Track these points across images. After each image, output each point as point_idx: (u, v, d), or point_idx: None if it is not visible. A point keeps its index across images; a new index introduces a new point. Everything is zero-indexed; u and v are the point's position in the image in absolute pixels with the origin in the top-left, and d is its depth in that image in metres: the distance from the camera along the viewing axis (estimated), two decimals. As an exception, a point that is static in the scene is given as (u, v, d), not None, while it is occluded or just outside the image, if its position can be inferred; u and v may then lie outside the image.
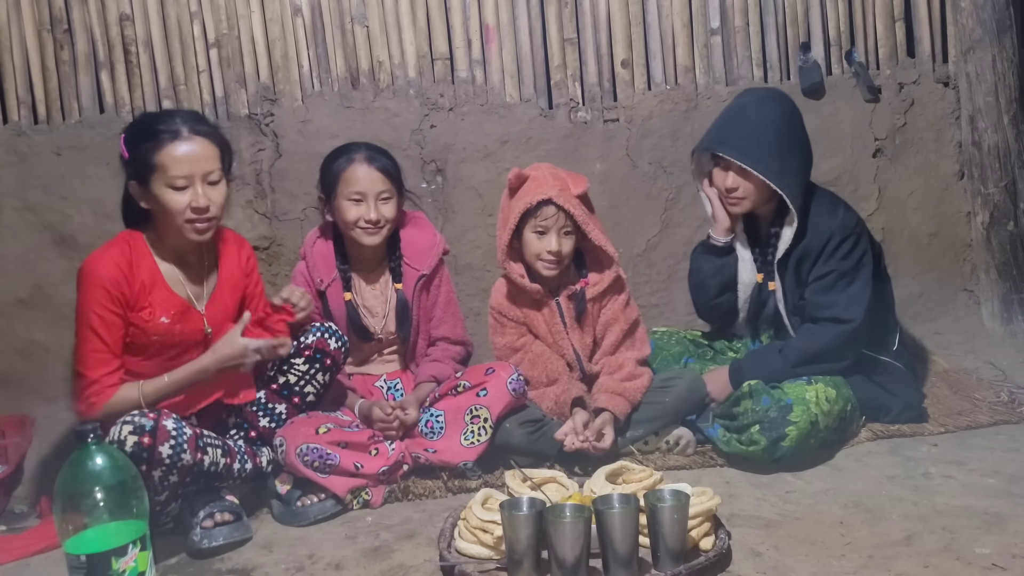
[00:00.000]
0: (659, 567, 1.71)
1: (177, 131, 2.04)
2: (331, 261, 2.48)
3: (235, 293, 2.27)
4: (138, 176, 2.06)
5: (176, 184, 2.04)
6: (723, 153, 2.41)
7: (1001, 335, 3.22)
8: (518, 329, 2.46)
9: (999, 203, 3.27)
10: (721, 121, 2.49)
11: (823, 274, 2.42)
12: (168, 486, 1.94)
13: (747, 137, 2.38)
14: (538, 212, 2.33)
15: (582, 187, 2.37)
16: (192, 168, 2.05)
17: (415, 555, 1.90)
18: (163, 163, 2.02)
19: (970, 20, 3.23)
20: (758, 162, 2.36)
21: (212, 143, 2.09)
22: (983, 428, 2.45)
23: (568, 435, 2.25)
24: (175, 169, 2.03)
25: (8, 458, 2.55)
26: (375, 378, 2.53)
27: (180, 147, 2.03)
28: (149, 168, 2.03)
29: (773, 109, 2.43)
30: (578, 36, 3.19)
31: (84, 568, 1.48)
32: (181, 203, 2.04)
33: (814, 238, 2.42)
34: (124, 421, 1.90)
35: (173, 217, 2.05)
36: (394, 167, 2.44)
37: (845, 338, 2.39)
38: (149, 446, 1.88)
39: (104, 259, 2.08)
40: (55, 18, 3.00)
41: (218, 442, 2.07)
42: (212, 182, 2.08)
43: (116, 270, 2.06)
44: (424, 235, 2.53)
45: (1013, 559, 1.70)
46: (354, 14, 3.10)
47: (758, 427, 2.20)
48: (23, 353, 2.99)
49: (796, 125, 2.46)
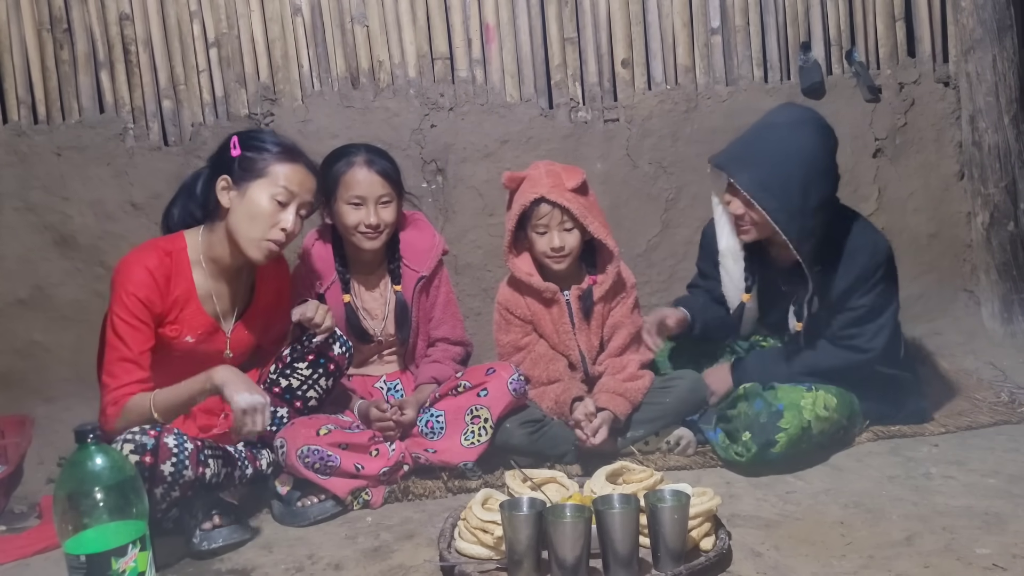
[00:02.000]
0: (659, 567, 1.71)
1: (293, 152, 2.11)
2: (330, 263, 2.46)
3: (263, 319, 2.25)
4: (241, 174, 2.06)
5: (280, 198, 2.05)
6: (738, 183, 2.24)
7: (1001, 335, 3.22)
8: (523, 328, 2.46)
9: (999, 203, 3.27)
10: (747, 139, 2.32)
11: (855, 307, 2.34)
12: (170, 500, 1.93)
13: (770, 167, 2.21)
14: (534, 212, 2.33)
15: (576, 180, 2.34)
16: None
17: (415, 555, 1.90)
18: (275, 173, 2.06)
19: (970, 20, 3.23)
20: (772, 199, 2.20)
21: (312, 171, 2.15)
22: (983, 428, 2.45)
23: (581, 420, 2.27)
24: (288, 183, 2.06)
25: (8, 458, 2.55)
26: (375, 379, 2.53)
27: (297, 162, 2.09)
28: (258, 172, 2.05)
29: (808, 135, 2.26)
30: (578, 35, 3.19)
31: (84, 568, 1.48)
32: (275, 217, 2.06)
33: (851, 268, 2.30)
34: (125, 439, 1.86)
35: (260, 226, 2.05)
36: (394, 170, 2.41)
37: (860, 365, 2.36)
38: (151, 465, 1.85)
39: (140, 266, 2.02)
40: (55, 18, 3.00)
41: (219, 452, 2.05)
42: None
43: (151, 280, 2.01)
44: (423, 236, 2.52)
45: (1013, 559, 1.70)
46: (354, 13, 3.10)
47: (749, 433, 2.19)
48: (23, 353, 2.99)
49: (828, 155, 2.29)
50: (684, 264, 3.18)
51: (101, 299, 3.01)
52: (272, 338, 2.31)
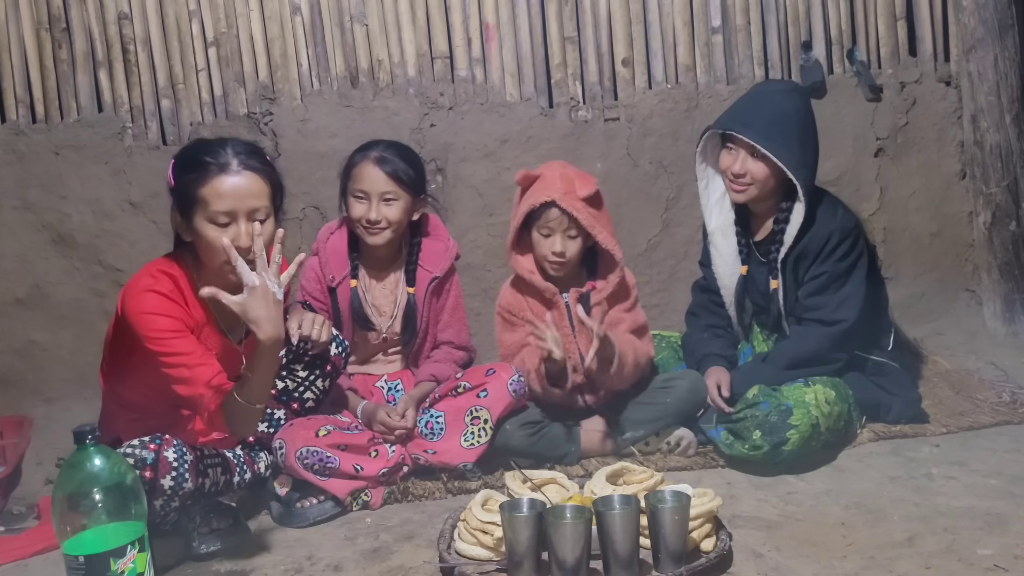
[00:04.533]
0: (660, 568, 1.70)
1: (226, 164, 1.88)
2: (344, 257, 2.47)
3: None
4: (181, 208, 1.91)
5: (218, 220, 1.87)
6: (745, 136, 2.36)
7: (1003, 335, 3.21)
8: (527, 328, 2.45)
9: (1001, 203, 3.26)
10: (743, 105, 2.45)
11: (817, 275, 2.41)
12: (169, 510, 1.91)
13: (771, 124, 2.34)
14: (542, 214, 2.33)
15: (589, 189, 2.33)
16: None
17: (415, 556, 1.90)
18: (206, 197, 1.86)
19: (972, 19, 3.22)
20: (779, 148, 2.33)
21: (262, 179, 1.92)
22: (985, 429, 2.44)
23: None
24: (218, 204, 1.86)
25: (7, 459, 2.54)
26: (376, 378, 2.53)
27: (227, 181, 1.87)
28: (192, 201, 1.88)
29: (798, 101, 2.42)
30: (578, 34, 3.18)
31: (82, 569, 1.48)
32: (221, 240, 1.84)
33: (814, 238, 2.40)
34: (124, 454, 1.81)
35: (213, 255, 1.88)
36: (408, 170, 2.38)
37: (833, 340, 2.38)
38: (150, 479, 1.83)
39: (153, 295, 1.89)
40: (53, 17, 3.00)
41: (218, 459, 2.04)
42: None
43: (175, 306, 1.91)
44: (439, 239, 2.54)
45: (1015, 560, 1.70)
46: (353, 13, 3.09)
47: (759, 432, 2.19)
48: (21, 353, 2.99)
49: (813, 122, 2.45)
50: (684, 264, 3.17)
51: (99, 298, 3.02)
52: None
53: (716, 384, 2.37)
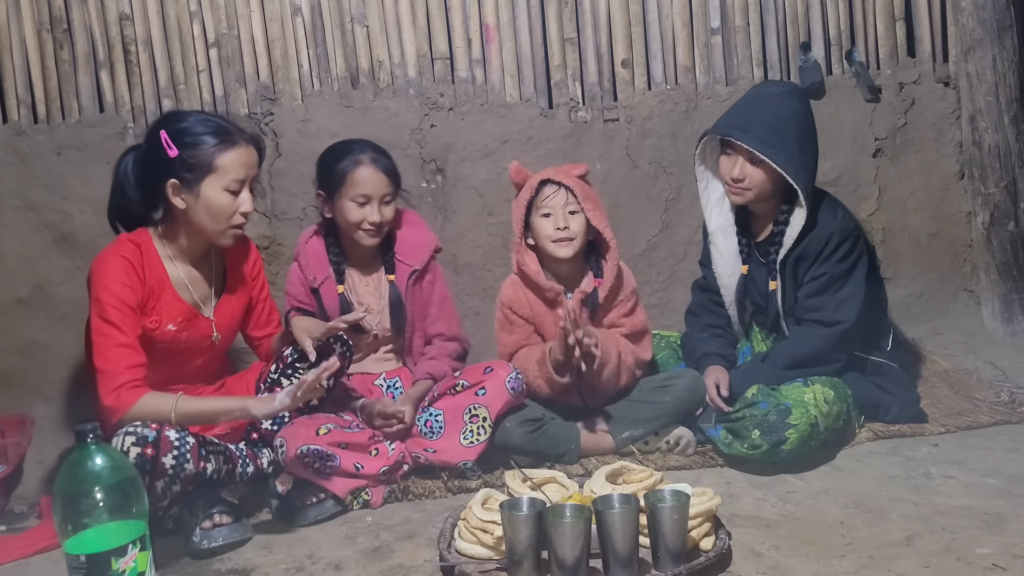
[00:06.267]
0: (659, 567, 1.71)
1: (229, 133, 2.07)
2: (324, 259, 2.49)
3: (242, 298, 2.27)
4: (187, 175, 2.03)
5: (233, 188, 2.04)
6: (743, 142, 2.36)
7: (1002, 335, 3.22)
8: (526, 328, 2.46)
9: (999, 203, 3.27)
10: (742, 109, 2.44)
11: (817, 276, 2.41)
12: (171, 495, 1.92)
13: (770, 128, 2.34)
14: (539, 193, 2.38)
15: (581, 169, 2.44)
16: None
17: (415, 555, 1.90)
18: (223, 165, 2.03)
19: (970, 20, 3.23)
20: (778, 153, 2.33)
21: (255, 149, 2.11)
22: (983, 428, 2.45)
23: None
24: (236, 172, 2.04)
25: (8, 458, 2.55)
26: (374, 377, 2.53)
27: (237, 144, 2.05)
28: (205, 169, 2.03)
29: (797, 103, 2.42)
30: (578, 36, 3.19)
31: (84, 568, 1.48)
32: (233, 207, 2.06)
33: (814, 239, 2.41)
34: (127, 432, 1.86)
35: (222, 219, 2.06)
36: (395, 167, 2.47)
37: (833, 340, 2.38)
38: (152, 457, 1.85)
39: (115, 256, 2.04)
40: (55, 17, 3.00)
41: (220, 448, 2.05)
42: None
43: (129, 267, 2.03)
44: (417, 232, 2.55)
45: (1013, 559, 1.70)
46: (354, 14, 3.10)
47: (758, 431, 2.20)
48: (23, 353, 2.98)
49: (812, 123, 2.44)
50: (684, 264, 3.18)
51: (101, 298, 3.02)
52: (257, 321, 2.32)
53: (715, 383, 2.38)
